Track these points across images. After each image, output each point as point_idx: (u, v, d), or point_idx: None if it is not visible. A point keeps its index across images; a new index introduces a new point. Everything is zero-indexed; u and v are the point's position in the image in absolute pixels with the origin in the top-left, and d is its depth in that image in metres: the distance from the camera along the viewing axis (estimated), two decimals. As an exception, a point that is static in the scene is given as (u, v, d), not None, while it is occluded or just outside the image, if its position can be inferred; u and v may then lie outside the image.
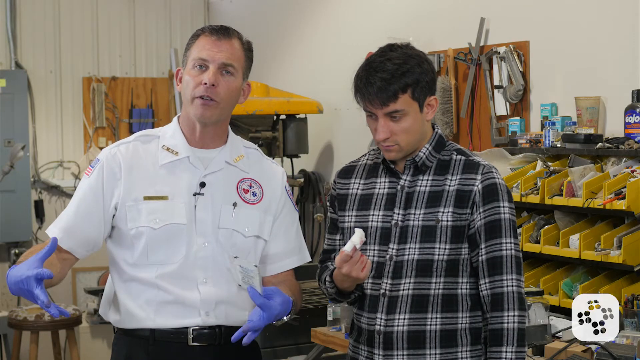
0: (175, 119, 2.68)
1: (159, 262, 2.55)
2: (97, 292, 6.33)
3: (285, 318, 2.50)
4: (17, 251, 6.51)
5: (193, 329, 2.56)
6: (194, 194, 2.57)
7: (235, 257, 2.50)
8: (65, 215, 2.60)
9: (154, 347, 2.56)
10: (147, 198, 2.54)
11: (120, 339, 2.62)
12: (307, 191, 5.90)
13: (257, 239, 2.63)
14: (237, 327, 2.50)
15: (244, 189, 2.63)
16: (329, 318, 3.90)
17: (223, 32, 2.58)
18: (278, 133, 5.69)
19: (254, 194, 2.64)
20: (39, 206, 6.69)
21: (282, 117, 5.74)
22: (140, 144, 2.62)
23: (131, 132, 6.85)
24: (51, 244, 2.36)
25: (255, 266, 2.44)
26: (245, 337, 2.43)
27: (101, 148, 6.76)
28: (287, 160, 5.84)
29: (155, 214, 2.54)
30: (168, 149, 2.60)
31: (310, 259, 2.80)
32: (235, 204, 2.60)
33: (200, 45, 2.56)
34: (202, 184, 2.58)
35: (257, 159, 2.71)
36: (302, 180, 5.88)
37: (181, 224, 2.55)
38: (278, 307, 2.45)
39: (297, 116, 5.75)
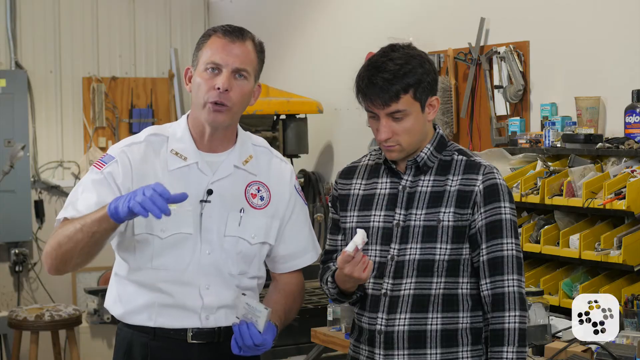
0: (184, 119, 2.62)
1: (162, 267, 2.54)
2: (97, 292, 6.33)
3: None
4: (17, 251, 6.51)
5: (192, 329, 2.57)
6: (201, 201, 2.54)
7: (243, 294, 2.47)
8: (83, 201, 2.47)
9: (154, 342, 2.57)
10: None
11: (123, 329, 2.63)
12: (307, 191, 5.90)
13: (262, 245, 2.62)
14: None
15: (251, 194, 2.60)
16: (329, 318, 3.90)
17: (236, 34, 2.51)
18: (278, 133, 5.69)
19: (262, 198, 2.61)
20: (39, 206, 6.68)
21: (282, 117, 5.75)
22: (151, 146, 2.56)
23: (131, 132, 6.84)
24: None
25: (266, 308, 2.42)
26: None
27: (101, 148, 6.75)
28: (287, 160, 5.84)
29: (163, 223, 2.48)
30: (177, 153, 2.56)
31: (320, 250, 2.77)
32: (242, 210, 2.57)
33: (213, 48, 2.49)
34: (210, 192, 2.54)
35: (267, 159, 2.67)
36: (302, 180, 5.89)
37: (187, 234, 2.53)
38: (270, 343, 2.46)
39: (297, 116, 5.76)
